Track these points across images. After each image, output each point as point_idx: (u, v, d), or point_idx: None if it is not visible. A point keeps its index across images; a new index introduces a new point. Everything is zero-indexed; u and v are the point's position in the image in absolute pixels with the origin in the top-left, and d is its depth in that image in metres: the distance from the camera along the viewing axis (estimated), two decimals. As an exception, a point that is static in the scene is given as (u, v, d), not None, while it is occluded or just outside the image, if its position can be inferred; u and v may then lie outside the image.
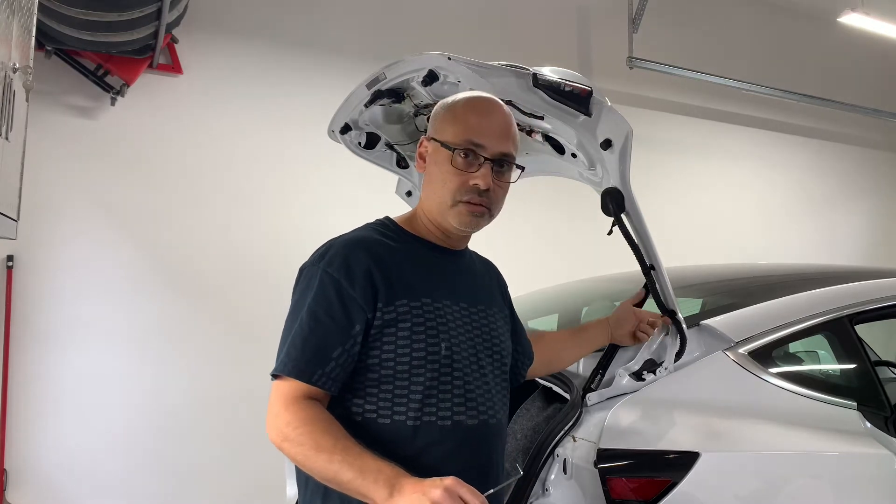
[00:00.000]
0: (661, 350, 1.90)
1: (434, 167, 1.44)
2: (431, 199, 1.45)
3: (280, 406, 1.29)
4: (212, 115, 4.19)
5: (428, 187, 1.46)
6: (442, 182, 1.41)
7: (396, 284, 1.36)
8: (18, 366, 3.69)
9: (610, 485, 1.69)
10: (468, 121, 1.42)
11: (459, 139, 1.40)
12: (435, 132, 1.45)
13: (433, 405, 1.34)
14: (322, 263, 1.36)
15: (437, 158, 1.43)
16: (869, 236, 7.05)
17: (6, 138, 2.04)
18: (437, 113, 1.48)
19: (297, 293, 1.39)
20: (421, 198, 1.49)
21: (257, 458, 3.90)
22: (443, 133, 1.43)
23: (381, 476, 1.19)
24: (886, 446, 1.94)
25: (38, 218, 3.71)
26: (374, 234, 1.43)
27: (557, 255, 4.98)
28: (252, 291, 4.21)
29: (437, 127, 1.46)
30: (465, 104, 1.45)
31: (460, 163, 1.40)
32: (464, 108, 1.44)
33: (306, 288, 1.37)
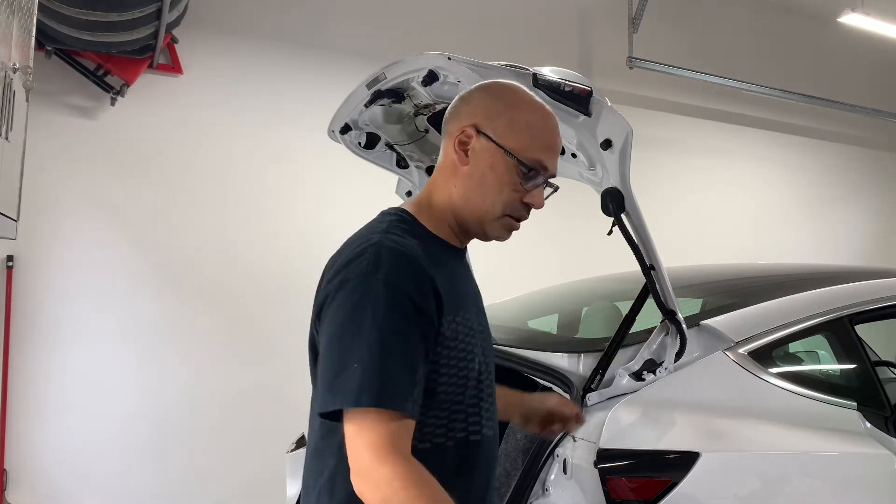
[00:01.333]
0: (661, 350, 1.90)
1: (488, 171, 1.29)
2: (474, 200, 1.31)
3: (372, 456, 1.10)
4: (212, 115, 4.19)
5: (473, 187, 1.31)
6: (497, 191, 1.29)
7: (445, 296, 1.23)
8: (18, 366, 3.69)
9: (610, 485, 1.69)
10: (542, 138, 1.31)
11: (531, 156, 1.29)
12: (495, 133, 1.29)
13: (463, 420, 1.27)
14: (381, 274, 1.17)
15: (495, 164, 1.29)
16: (869, 236, 7.05)
17: (6, 138, 2.04)
18: (494, 107, 1.31)
19: (348, 308, 1.17)
20: (451, 192, 1.32)
21: (257, 457, 3.91)
22: (507, 138, 1.29)
23: None
24: (886, 446, 1.94)
25: (38, 218, 3.70)
26: (412, 238, 1.26)
27: (557, 255, 4.98)
28: (252, 291, 4.21)
29: (499, 127, 1.29)
30: (537, 113, 1.33)
31: (524, 179, 1.29)
32: (536, 119, 1.32)
33: (363, 302, 1.16)
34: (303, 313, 4.43)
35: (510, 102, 1.33)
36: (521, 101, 1.34)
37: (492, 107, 1.32)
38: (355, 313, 1.15)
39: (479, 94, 1.35)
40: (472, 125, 1.30)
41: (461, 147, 1.31)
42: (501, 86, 1.36)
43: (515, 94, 1.35)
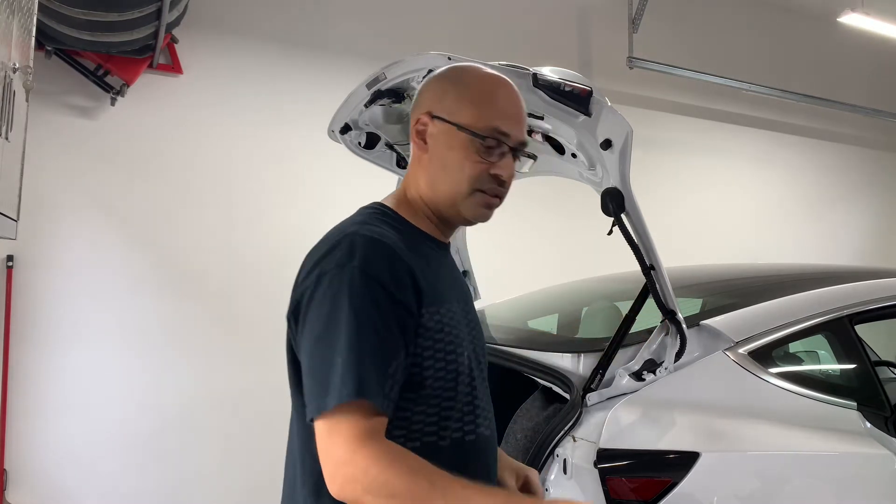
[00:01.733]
0: (661, 350, 1.90)
1: (448, 151, 1.27)
2: (440, 185, 1.29)
3: (345, 450, 1.06)
4: (212, 115, 4.19)
5: (437, 172, 1.29)
6: (459, 168, 1.26)
7: (427, 288, 1.20)
8: (18, 365, 3.69)
9: (610, 485, 1.69)
10: (494, 104, 1.28)
11: (484, 125, 1.25)
12: (446, 113, 1.27)
13: (459, 419, 1.23)
14: (356, 262, 1.14)
15: (452, 143, 1.27)
16: (868, 236, 7.05)
17: (6, 138, 2.04)
18: (442, 88, 1.31)
19: (328, 303, 1.14)
20: (419, 183, 1.31)
21: (257, 457, 3.91)
22: (458, 114, 1.27)
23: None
24: (886, 446, 1.94)
25: (38, 218, 3.70)
26: (390, 229, 1.25)
27: (557, 255, 4.97)
28: (252, 291, 4.21)
29: (449, 106, 1.28)
30: (484, 83, 1.30)
31: (484, 151, 1.26)
32: (482, 87, 1.30)
33: (340, 294, 1.13)
34: (303, 313, 4.30)
35: (457, 80, 1.32)
36: (470, 75, 1.32)
37: (440, 88, 1.31)
38: (334, 308, 1.13)
39: (431, 81, 1.35)
40: (426, 112, 1.29)
41: (419, 136, 1.30)
42: (451, 68, 1.37)
43: (464, 71, 1.34)
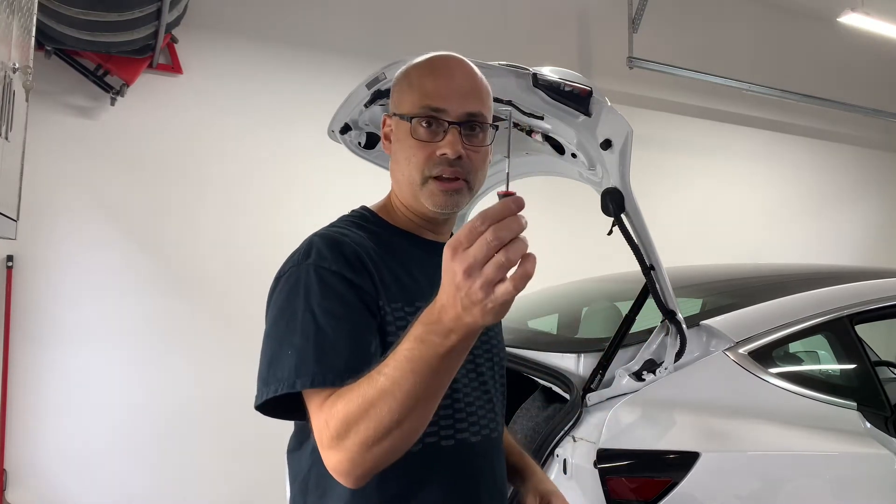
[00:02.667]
0: (661, 350, 1.90)
1: (397, 144, 1.25)
2: (400, 181, 1.25)
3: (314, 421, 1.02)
4: (212, 115, 4.19)
5: (395, 169, 1.27)
6: (406, 159, 1.22)
7: (392, 284, 1.17)
8: (18, 365, 3.69)
9: (610, 485, 1.69)
10: (424, 85, 1.22)
11: (416, 107, 1.21)
12: (394, 106, 1.26)
13: (434, 423, 1.12)
14: (311, 260, 1.12)
15: (399, 135, 1.24)
16: (869, 236, 7.05)
17: (6, 138, 2.04)
18: (394, 86, 1.29)
19: (282, 299, 1.11)
20: (392, 185, 1.31)
21: (258, 458, 3.91)
22: (400, 105, 1.24)
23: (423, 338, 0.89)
24: (886, 446, 1.94)
25: (38, 218, 3.71)
26: (354, 230, 1.22)
27: (557, 255, 4.97)
28: (252, 291, 4.18)
29: (395, 100, 1.27)
30: (419, 67, 1.26)
31: (422, 133, 1.20)
32: (418, 73, 1.25)
33: (294, 290, 1.10)
34: (303, 313, 4.29)
35: (404, 71, 1.28)
36: (412, 66, 1.28)
37: (393, 87, 1.29)
38: (287, 302, 1.10)
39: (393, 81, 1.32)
40: (387, 113, 1.29)
41: (386, 139, 1.30)
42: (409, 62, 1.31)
43: (410, 64, 1.29)
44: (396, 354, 0.91)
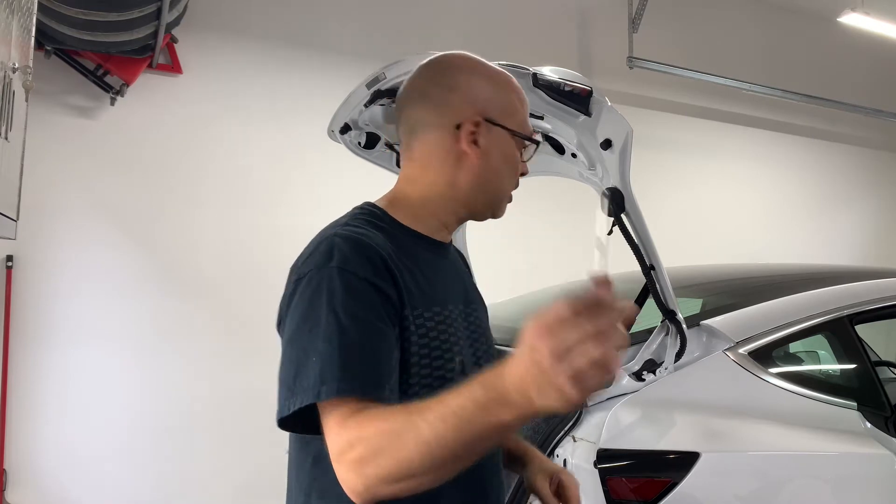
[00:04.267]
0: (661, 350, 1.90)
1: (501, 156, 1.23)
2: (489, 187, 1.24)
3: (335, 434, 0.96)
4: (212, 115, 4.19)
5: (489, 175, 1.23)
6: (511, 173, 1.25)
7: (413, 289, 1.14)
8: (18, 365, 3.69)
9: (610, 485, 1.69)
10: (526, 108, 1.28)
11: (527, 130, 1.26)
12: (501, 118, 1.22)
13: None
14: (335, 264, 1.07)
15: (507, 148, 1.23)
16: (869, 236, 7.05)
17: (6, 138, 2.04)
18: (490, 90, 1.23)
19: (305, 304, 1.07)
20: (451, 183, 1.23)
21: (257, 457, 3.91)
22: (510, 119, 1.23)
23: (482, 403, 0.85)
24: (886, 446, 1.94)
25: (38, 218, 3.71)
26: (372, 230, 1.17)
27: (557, 254, 4.97)
28: (252, 291, 4.20)
29: (501, 111, 1.23)
30: (517, 86, 1.28)
31: (527, 153, 1.27)
32: (519, 92, 1.27)
33: (317, 294, 1.05)
34: (303, 313, 4.29)
35: (506, 84, 1.27)
36: (506, 77, 1.28)
37: (488, 91, 1.24)
38: (311, 308, 1.06)
39: (468, 76, 1.24)
40: (477, 114, 1.21)
41: (471, 138, 1.21)
42: (483, 65, 1.28)
43: (499, 74, 1.28)
44: (445, 405, 0.87)
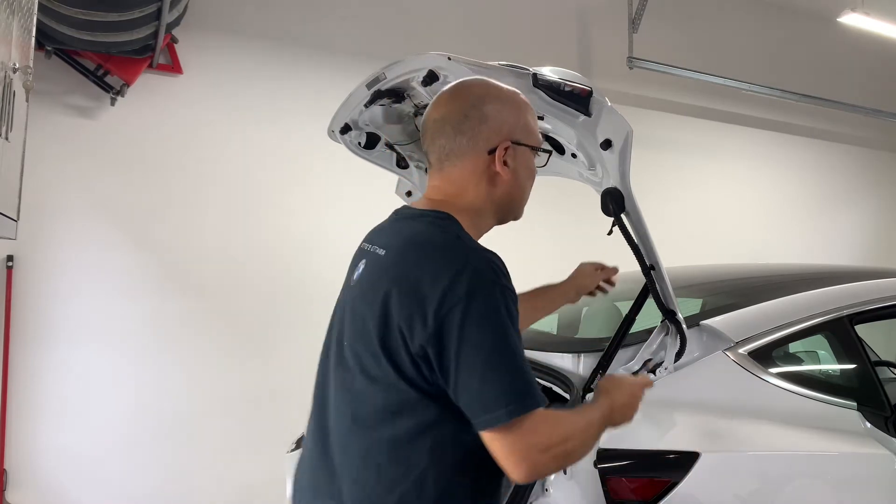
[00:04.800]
0: (661, 350, 1.90)
1: (525, 170, 1.44)
2: (516, 197, 1.46)
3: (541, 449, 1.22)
4: (212, 115, 4.19)
5: (517, 188, 1.44)
6: (531, 182, 1.48)
7: None
8: (18, 366, 3.69)
9: (610, 485, 1.69)
10: (535, 118, 1.48)
11: (539, 141, 1.47)
12: (523, 137, 1.42)
13: None
14: (505, 283, 1.25)
15: (528, 162, 1.45)
16: (869, 236, 7.05)
17: (6, 138, 2.04)
18: (512, 116, 1.42)
19: (493, 318, 1.22)
20: (489, 197, 1.41)
21: (257, 457, 3.91)
22: (530, 136, 1.44)
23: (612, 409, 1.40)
24: (886, 446, 1.94)
25: (38, 218, 3.71)
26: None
27: (557, 255, 4.97)
28: (252, 292, 4.21)
29: (522, 132, 1.42)
30: (526, 100, 1.47)
31: (538, 162, 1.49)
32: (529, 106, 1.47)
33: (498, 310, 1.22)
34: (303, 313, 4.46)
35: (514, 102, 1.44)
36: (520, 99, 1.46)
37: (511, 116, 1.42)
38: (499, 322, 1.22)
39: (493, 106, 1.41)
40: (505, 139, 1.40)
41: (502, 160, 1.39)
42: (498, 87, 1.45)
43: (515, 96, 1.46)
44: (598, 410, 1.38)
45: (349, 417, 1.33)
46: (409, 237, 1.35)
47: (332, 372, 1.43)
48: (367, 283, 1.36)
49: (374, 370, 1.29)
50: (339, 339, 1.42)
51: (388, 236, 1.42)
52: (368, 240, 1.50)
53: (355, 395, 1.32)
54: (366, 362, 1.30)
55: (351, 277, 1.47)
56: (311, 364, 1.51)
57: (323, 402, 1.44)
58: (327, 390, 1.43)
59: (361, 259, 1.46)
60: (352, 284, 1.45)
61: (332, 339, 1.46)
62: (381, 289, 1.29)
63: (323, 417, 1.42)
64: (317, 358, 1.51)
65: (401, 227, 1.42)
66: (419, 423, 1.26)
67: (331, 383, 1.42)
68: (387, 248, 1.37)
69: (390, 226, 1.48)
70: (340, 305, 1.49)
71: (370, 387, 1.29)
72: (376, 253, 1.39)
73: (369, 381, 1.29)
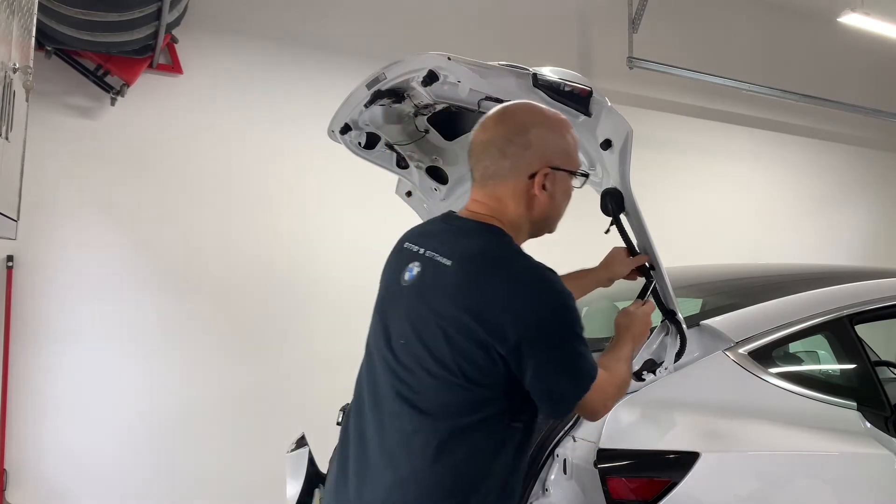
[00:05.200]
0: (661, 350, 1.89)
1: (562, 193, 1.54)
2: (553, 215, 1.57)
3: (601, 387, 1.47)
4: (212, 115, 4.19)
5: (554, 208, 1.55)
6: (566, 202, 1.57)
7: None
8: (18, 365, 3.69)
9: (610, 485, 1.69)
10: (576, 140, 1.55)
11: (579, 162, 1.56)
12: (563, 163, 1.51)
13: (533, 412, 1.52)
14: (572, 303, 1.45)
15: (566, 185, 1.54)
16: (868, 236, 7.05)
17: (6, 138, 2.04)
18: (555, 142, 1.50)
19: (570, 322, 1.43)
20: (527, 215, 1.52)
21: (257, 457, 3.91)
22: (569, 162, 1.53)
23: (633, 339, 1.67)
24: (886, 446, 1.94)
25: (38, 218, 3.71)
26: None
27: (556, 255, 4.97)
28: (252, 291, 4.21)
29: (563, 158, 1.51)
30: (568, 123, 1.55)
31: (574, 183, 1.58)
32: (571, 128, 1.55)
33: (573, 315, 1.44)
34: (303, 314, 4.45)
35: (558, 128, 1.52)
36: (563, 124, 1.53)
37: (553, 142, 1.51)
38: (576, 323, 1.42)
39: (537, 132, 1.49)
40: (546, 166, 1.48)
41: (541, 184, 1.49)
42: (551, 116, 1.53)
43: (559, 120, 1.53)
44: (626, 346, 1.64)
45: (407, 413, 1.41)
46: (476, 252, 1.44)
47: (381, 371, 1.49)
48: (433, 291, 1.43)
49: (438, 370, 1.39)
50: (387, 338, 1.49)
51: (448, 246, 1.47)
52: (419, 243, 1.53)
53: (416, 393, 1.41)
54: (431, 362, 1.40)
55: (401, 277, 1.51)
56: (311, 364, 1.53)
57: (376, 395, 1.49)
58: (378, 388, 1.49)
59: (414, 262, 1.50)
60: (404, 285, 1.49)
61: (380, 339, 1.51)
62: (455, 301, 1.39)
63: (373, 413, 1.48)
64: (317, 358, 1.54)
65: (460, 239, 1.48)
66: (482, 417, 1.39)
67: (381, 382, 1.48)
68: (451, 258, 1.44)
69: (445, 234, 1.52)
70: (390, 304, 1.53)
71: (434, 384, 1.39)
72: (438, 261, 1.45)
73: (433, 379, 1.39)
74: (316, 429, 2.74)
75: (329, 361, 4.04)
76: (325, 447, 2.49)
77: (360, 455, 1.48)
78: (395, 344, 1.47)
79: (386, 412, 1.46)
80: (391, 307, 1.53)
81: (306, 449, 2.47)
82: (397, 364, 1.45)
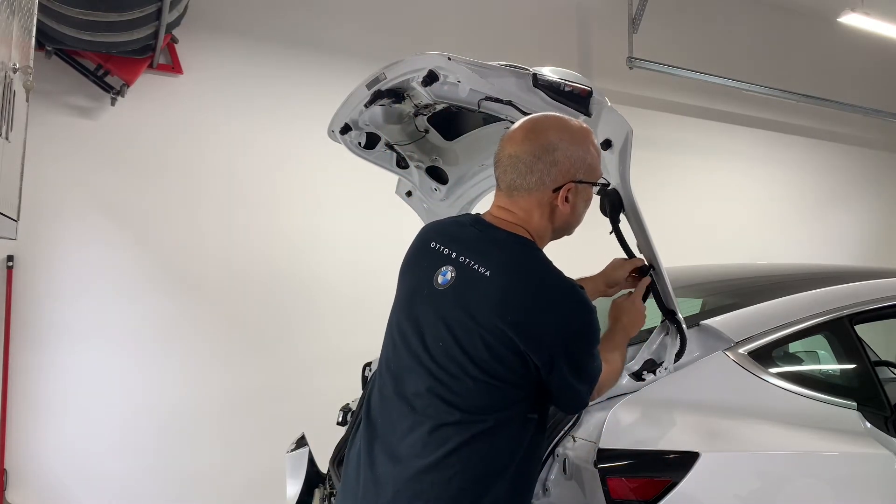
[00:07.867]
0: (661, 350, 1.89)
1: (583, 203, 1.62)
2: (572, 224, 1.64)
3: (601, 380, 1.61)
4: (212, 115, 4.19)
5: (574, 218, 1.63)
6: (586, 211, 1.64)
7: None
8: (18, 366, 3.69)
9: (610, 485, 1.69)
10: (599, 151, 1.62)
11: (600, 173, 1.63)
12: (586, 176, 1.58)
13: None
14: (595, 316, 1.55)
15: (586, 196, 1.62)
16: (869, 236, 7.05)
17: (6, 138, 2.04)
18: (579, 157, 1.56)
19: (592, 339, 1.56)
20: (549, 224, 1.60)
21: (257, 458, 3.92)
22: (591, 173, 1.59)
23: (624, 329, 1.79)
24: (886, 446, 1.94)
25: (38, 218, 3.71)
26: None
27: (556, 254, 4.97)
28: (253, 292, 4.21)
29: (586, 171, 1.58)
30: (592, 134, 1.61)
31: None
32: (594, 139, 1.61)
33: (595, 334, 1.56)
34: (303, 314, 4.45)
35: (583, 142, 1.57)
36: (587, 137, 1.58)
37: (578, 158, 1.56)
38: (594, 337, 1.55)
39: (563, 150, 1.54)
40: (570, 179, 1.55)
41: (564, 197, 1.56)
42: (577, 128, 1.57)
43: (583, 134, 1.57)
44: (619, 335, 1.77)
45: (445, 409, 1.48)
46: (513, 265, 1.53)
47: (412, 365, 1.53)
48: (471, 299, 1.50)
49: (480, 375, 1.46)
50: (420, 337, 1.53)
51: (483, 255, 1.53)
52: (449, 247, 1.58)
53: (455, 394, 1.48)
54: (473, 368, 1.47)
55: (433, 279, 1.55)
56: (312, 364, 1.53)
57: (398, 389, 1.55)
58: (403, 386, 1.53)
59: (447, 265, 1.54)
60: (437, 288, 1.53)
61: (412, 337, 1.55)
62: (495, 312, 1.47)
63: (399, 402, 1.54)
64: (317, 358, 1.54)
65: (493, 249, 1.54)
66: (511, 412, 1.50)
67: (412, 378, 1.52)
68: (489, 268, 1.51)
69: (479, 242, 1.56)
70: (421, 304, 1.56)
71: (475, 387, 1.47)
72: (475, 269, 1.52)
73: (474, 383, 1.47)
74: (316, 429, 2.74)
75: (329, 361, 4.05)
76: (326, 447, 2.50)
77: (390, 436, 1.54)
78: (430, 344, 1.52)
79: (418, 407, 1.51)
80: (423, 307, 1.56)
81: (306, 449, 2.47)
82: (433, 363, 1.51)
